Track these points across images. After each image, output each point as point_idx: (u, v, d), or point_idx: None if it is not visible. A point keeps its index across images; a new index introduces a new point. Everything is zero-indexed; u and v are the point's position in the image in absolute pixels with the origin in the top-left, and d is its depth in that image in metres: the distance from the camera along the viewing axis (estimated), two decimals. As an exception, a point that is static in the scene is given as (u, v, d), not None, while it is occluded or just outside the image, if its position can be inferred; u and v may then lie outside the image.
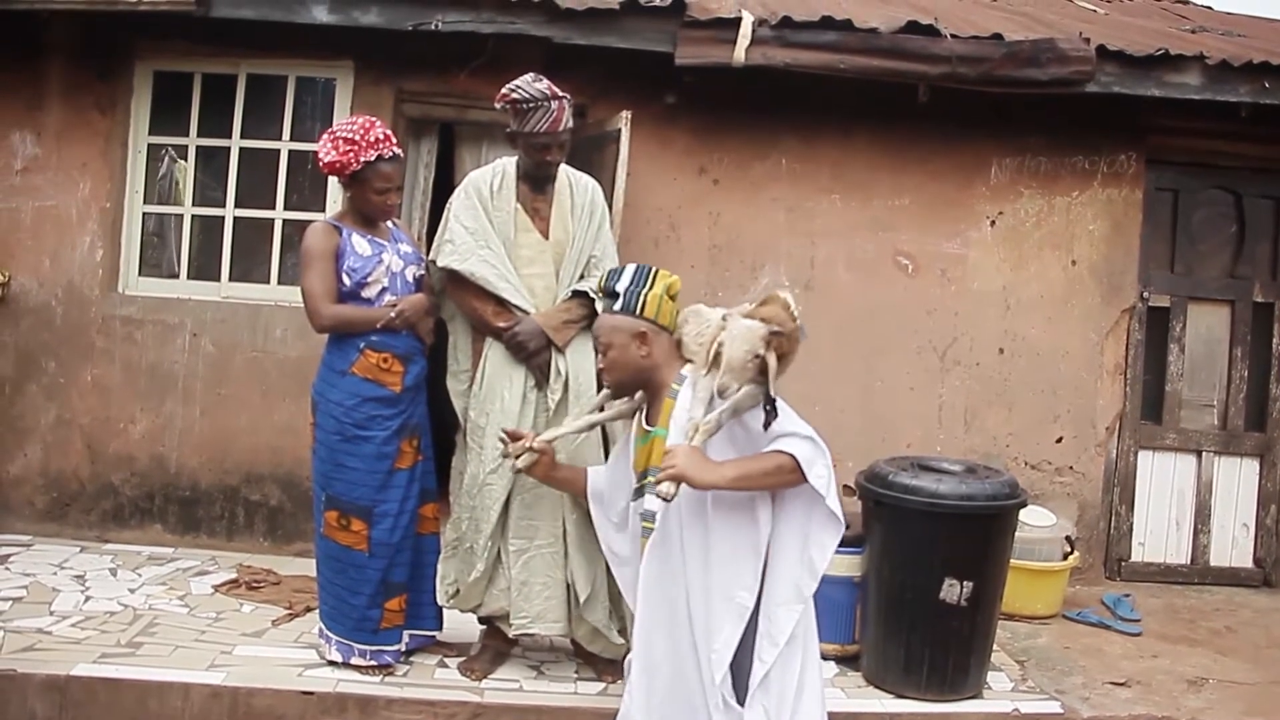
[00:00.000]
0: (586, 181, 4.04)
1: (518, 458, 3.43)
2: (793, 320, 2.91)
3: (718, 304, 5.41)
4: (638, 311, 3.02)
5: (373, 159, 3.83)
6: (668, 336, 3.07)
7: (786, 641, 2.84)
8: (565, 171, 4.01)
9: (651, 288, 3.06)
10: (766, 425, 2.80)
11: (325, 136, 3.88)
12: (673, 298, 3.12)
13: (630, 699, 3.01)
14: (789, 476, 2.78)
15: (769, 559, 2.88)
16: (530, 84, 3.79)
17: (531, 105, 3.77)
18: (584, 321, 3.91)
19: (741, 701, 2.84)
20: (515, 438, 3.47)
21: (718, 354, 2.82)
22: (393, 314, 3.84)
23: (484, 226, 3.87)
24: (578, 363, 3.87)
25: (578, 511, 3.82)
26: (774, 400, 2.81)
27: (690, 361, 3.01)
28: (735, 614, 2.85)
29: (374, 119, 3.93)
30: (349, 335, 3.88)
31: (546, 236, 3.93)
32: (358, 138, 3.81)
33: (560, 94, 3.81)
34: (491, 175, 3.94)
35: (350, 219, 3.96)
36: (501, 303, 3.85)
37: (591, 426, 3.57)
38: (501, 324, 3.84)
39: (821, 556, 2.85)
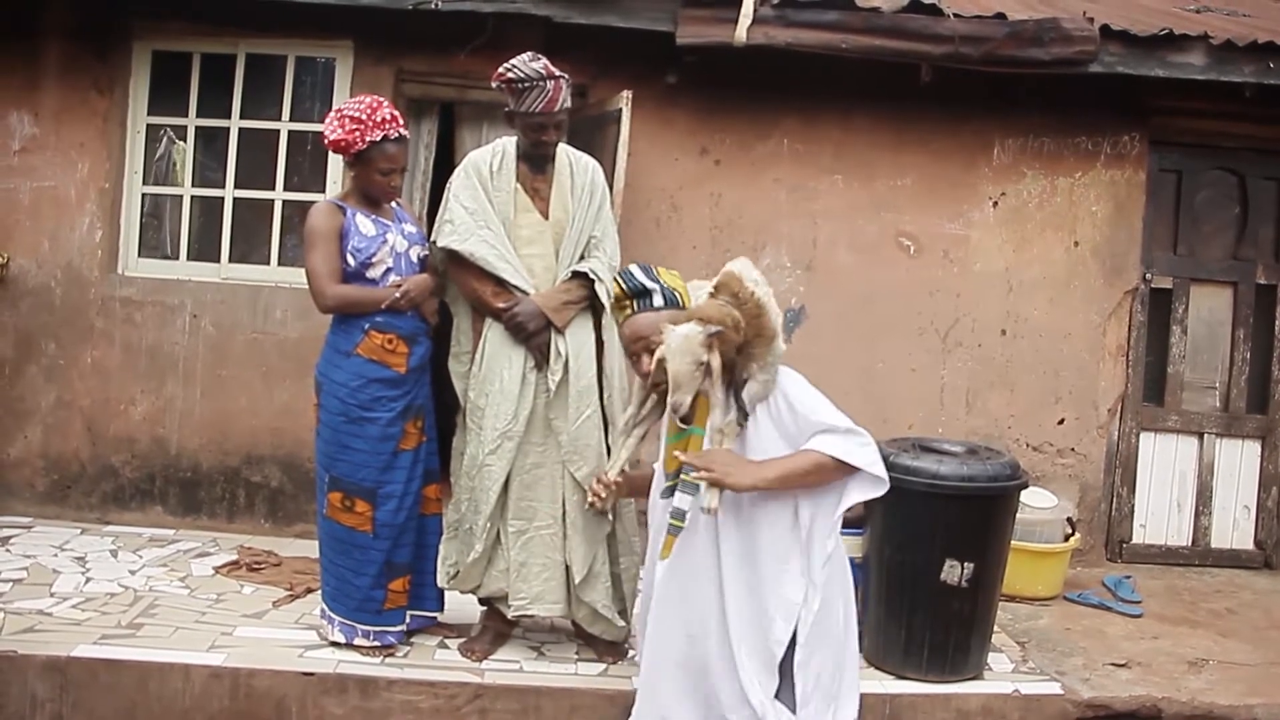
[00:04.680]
0: (587, 161, 4.02)
1: (604, 499, 3.31)
2: (747, 294, 2.80)
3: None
4: (680, 305, 2.94)
5: (378, 139, 3.81)
6: None
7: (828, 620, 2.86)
8: (565, 151, 3.98)
9: (672, 277, 2.98)
10: (741, 425, 2.78)
11: (332, 114, 3.86)
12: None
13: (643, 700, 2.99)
14: (830, 475, 2.77)
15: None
16: (526, 63, 3.76)
17: (527, 85, 3.74)
18: (583, 302, 3.90)
19: (779, 695, 2.84)
20: (606, 489, 3.28)
21: (662, 364, 2.75)
22: (397, 294, 3.83)
23: (483, 207, 3.85)
24: (577, 344, 3.86)
25: (578, 494, 3.82)
26: (744, 405, 2.79)
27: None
28: (785, 611, 2.84)
29: (382, 99, 3.91)
30: (354, 316, 3.87)
31: (546, 216, 3.91)
32: (364, 117, 3.79)
33: (557, 73, 3.78)
34: (491, 155, 3.92)
35: (354, 199, 3.94)
36: (501, 283, 3.83)
37: (642, 437, 3.34)
38: (501, 305, 3.82)
39: (841, 506, 2.85)
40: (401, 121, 3.90)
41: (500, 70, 3.79)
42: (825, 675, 2.88)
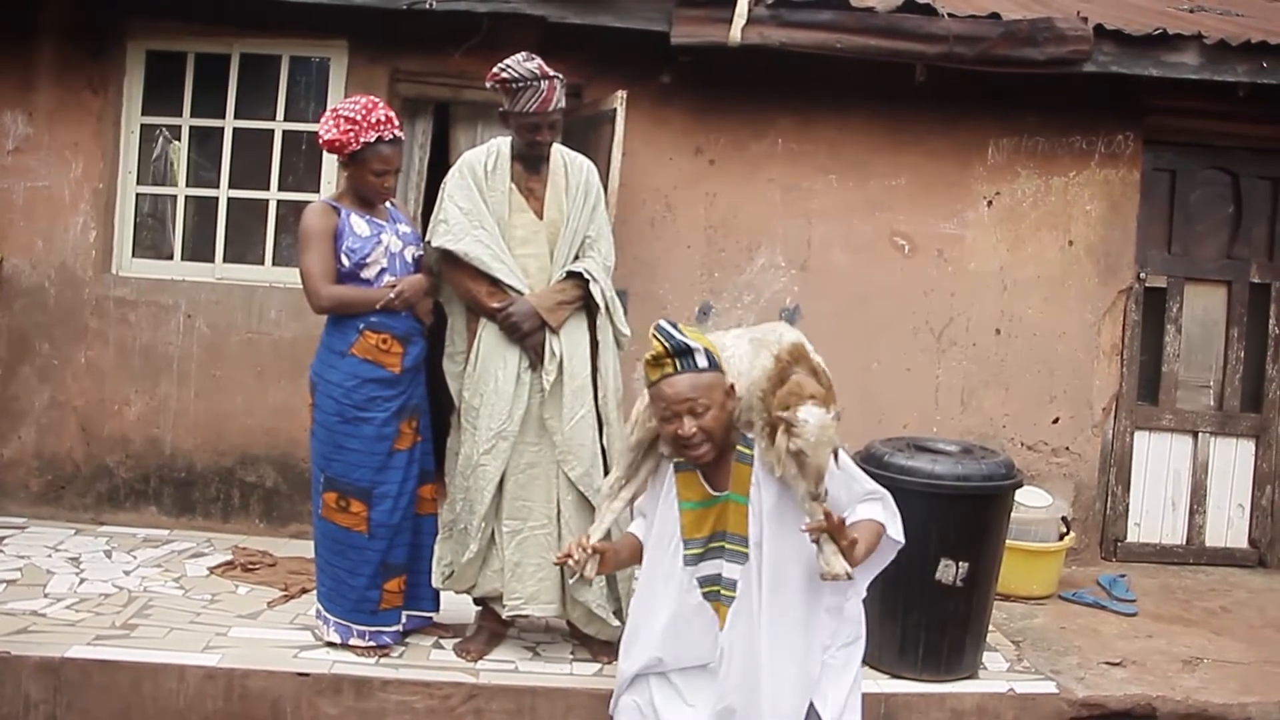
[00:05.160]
0: (581, 161, 4.01)
1: (584, 568, 2.94)
2: (819, 366, 2.77)
3: (713, 284, 5.45)
4: (719, 367, 2.82)
5: (372, 140, 3.81)
6: None
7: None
8: (560, 151, 3.98)
9: (708, 336, 2.90)
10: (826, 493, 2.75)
11: (328, 114, 3.86)
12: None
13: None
14: (880, 539, 2.82)
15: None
16: (520, 63, 3.76)
17: (521, 85, 3.74)
18: (578, 302, 3.90)
19: None
20: (567, 557, 2.95)
21: (798, 455, 2.66)
22: (392, 294, 3.82)
23: (478, 206, 3.85)
24: (571, 343, 3.86)
25: (572, 494, 3.83)
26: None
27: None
28: (850, 654, 2.91)
29: (377, 100, 3.91)
30: (348, 316, 3.87)
31: (540, 216, 3.90)
32: (359, 118, 3.79)
33: (551, 73, 3.78)
34: (486, 155, 3.91)
35: (348, 199, 3.94)
36: (496, 283, 3.83)
37: (629, 501, 3.24)
38: (495, 304, 3.82)
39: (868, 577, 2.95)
40: (397, 123, 3.89)
41: (494, 70, 3.78)
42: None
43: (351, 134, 3.79)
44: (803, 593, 2.82)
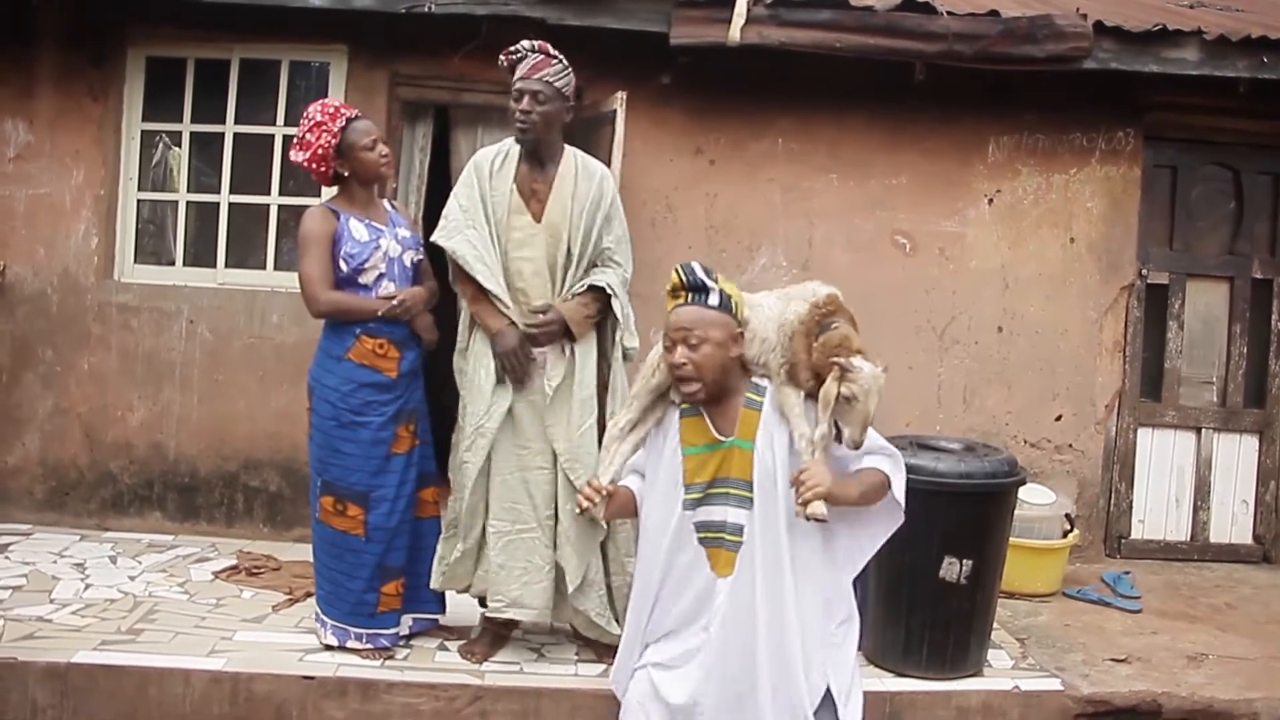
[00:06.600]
0: (595, 168, 3.99)
1: (595, 505, 2.92)
2: (852, 315, 2.89)
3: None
4: (735, 311, 2.85)
5: (344, 123, 3.86)
6: None
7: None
8: (574, 156, 3.96)
9: (730, 284, 2.91)
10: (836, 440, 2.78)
11: (293, 149, 3.91)
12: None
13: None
14: (880, 497, 2.81)
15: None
16: (526, 40, 3.92)
17: (519, 55, 3.87)
18: (599, 316, 3.92)
19: None
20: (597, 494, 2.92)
21: (849, 401, 2.74)
22: (394, 303, 3.84)
23: (476, 204, 3.86)
24: (582, 355, 3.88)
25: (572, 502, 3.83)
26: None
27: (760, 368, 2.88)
28: (848, 631, 2.87)
29: (318, 101, 3.98)
30: (346, 321, 3.87)
31: (538, 219, 3.88)
32: (320, 118, 3.86)
33: (551, 52, 3.88)
34: (495, 153, 3.94)
35: (348, 203, 3.94)
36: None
37: (637, 444, 3.16)
38: (494, 325, 3.84)
39: (872, 545, 2.91)
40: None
41: (507, 50, 3.91)
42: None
43: (326, 132, 3.83)
44: (808, 544, 2.81)
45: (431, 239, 3.92)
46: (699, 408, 2.91)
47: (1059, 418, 5.60)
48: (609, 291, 3.87)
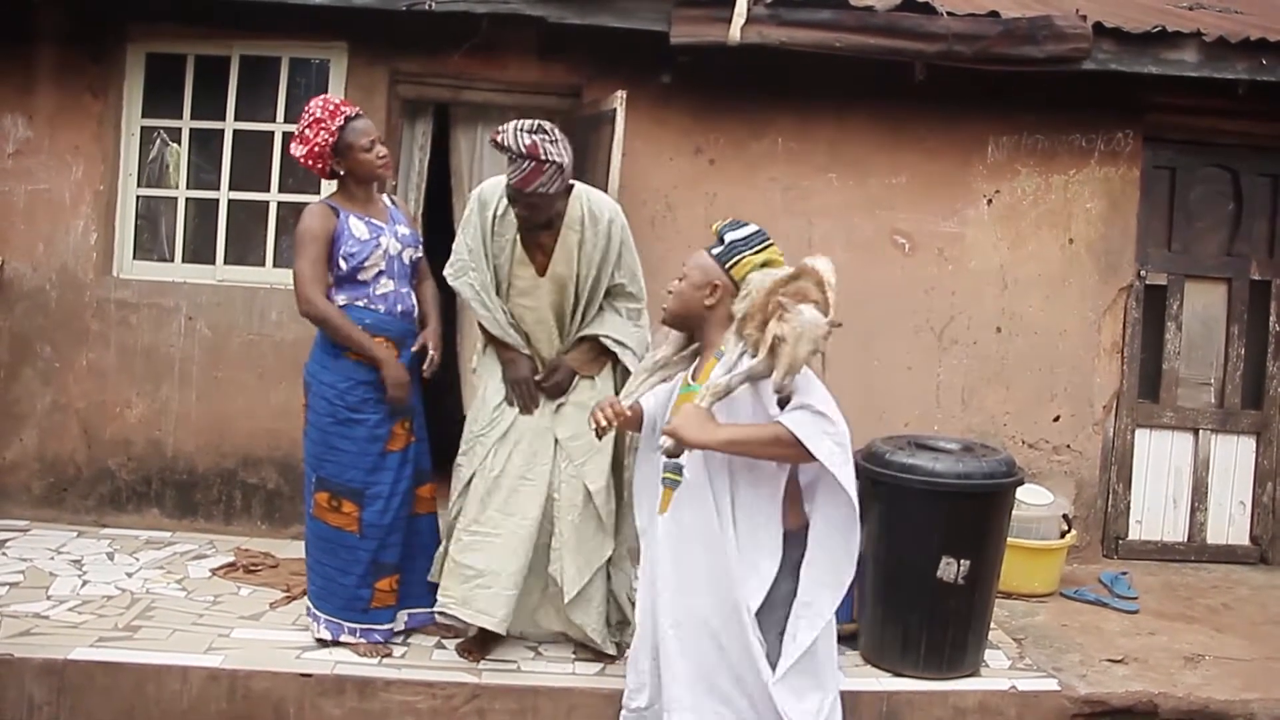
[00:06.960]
0: (603, 209, 3.86)
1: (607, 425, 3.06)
2: (825, 296, 2.86)
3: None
4: (728, 266, 3.04)
5: (343, 122, 3.84)
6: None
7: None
8: (583, 201, 3.84)
9: (755, 254, 3.03)
10: (782, 405, 2.80)
11: (292, 143, 3.90)
12: (765, 265, 3.06)
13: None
14: (789, 450, 2.79)
15: (814, 536, 2.93)
16: (516, 132, 3.57)
17: (509, 154, 3.59)
18: (608, 357, 3.95)
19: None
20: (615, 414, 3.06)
21: (774, 348, 2.77)
22: (384, 380, 3.86)
23: (479, 248, 3.87)
24: (602, 379, 3.96)
25: (573, 512, 3.85)
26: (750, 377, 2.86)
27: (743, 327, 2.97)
28: (758, 585, 2.90)
29: (318, 97, 3.96)
30: (347, 316, 3.86)
31: (543, 273, 3.86)
32: (319, 115, 3.84)
33: (543, 156, 3.54)
34: (497, 200, 3.82)
35: (347, 200, 3.94)
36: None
37: (655, 371, 3.27)
38: (504, 353, 3.92)
39: (849, 540, 2.94)
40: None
41: (497, 129, 3.66)
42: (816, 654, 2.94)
43: (324, 130, 3.81)
44: (745, 480, 2.92)
45: (443, 274, 3.95)
46: (695, 357, 3.15)
47: (1057, 418, 5.61)
48: (613, 348, 3.91)
